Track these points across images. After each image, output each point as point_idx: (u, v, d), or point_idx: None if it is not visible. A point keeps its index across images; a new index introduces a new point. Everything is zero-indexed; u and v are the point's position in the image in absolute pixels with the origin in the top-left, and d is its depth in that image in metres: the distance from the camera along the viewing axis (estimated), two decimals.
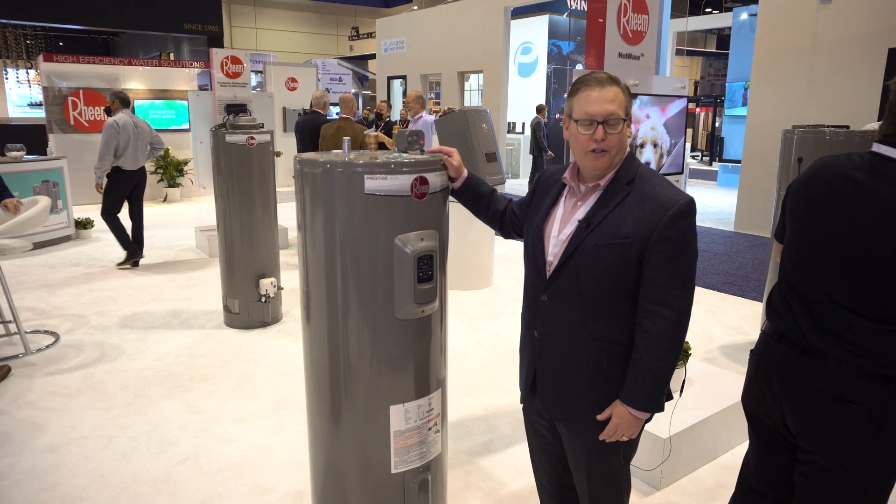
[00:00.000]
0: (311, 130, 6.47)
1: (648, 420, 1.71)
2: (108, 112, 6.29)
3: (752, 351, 1.81)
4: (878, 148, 1.52)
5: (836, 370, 1.53)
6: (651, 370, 1.58)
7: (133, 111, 10.65)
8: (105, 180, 6.22)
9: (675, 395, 1.94)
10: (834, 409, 1.55)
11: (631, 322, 1.62)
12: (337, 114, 6.65)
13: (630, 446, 1.76)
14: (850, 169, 1.55)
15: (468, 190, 1.94)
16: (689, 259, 1.57)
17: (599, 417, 1.67)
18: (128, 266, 6.45)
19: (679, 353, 1.60)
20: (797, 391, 1.61)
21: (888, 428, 1.51)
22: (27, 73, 20.20)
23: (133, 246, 6.44)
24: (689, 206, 1.55)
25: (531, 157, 12.56)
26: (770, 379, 1.69)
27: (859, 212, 1.50)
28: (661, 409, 1.67)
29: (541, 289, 1.70)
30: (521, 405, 1.93)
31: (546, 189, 1.80)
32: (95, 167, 6.14)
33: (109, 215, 6.30)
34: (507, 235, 1.98)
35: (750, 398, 1.81)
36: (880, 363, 1.49)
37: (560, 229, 1.68)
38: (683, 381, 2.98)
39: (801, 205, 1.66)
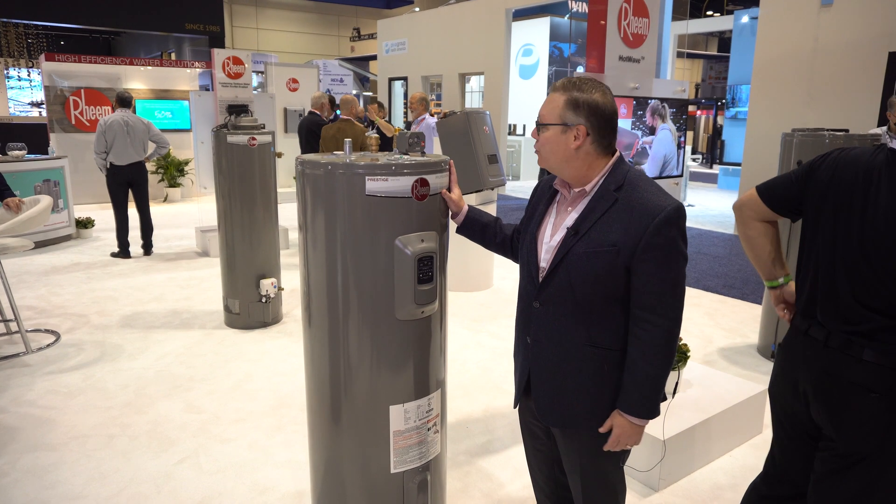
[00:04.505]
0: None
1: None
2: (114, 110, 6.83)
3: (779, 344, 1.86)
4: (894, 144, 1.57)
5: (857, 359, 1.58)
6: (648, 378, 1.59)
7: (135, 110, 10.72)
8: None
9: (669, 396, 1.95)
10: (855, 397, 1.59)
11: (623, 327, 1.62)
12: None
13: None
14: (871, 167, 1.58)
15: (472, 222, 1.94)
16: (679, 265, 1.57)
17: (601, 430, 1.67)
18: (119, 256, 6.88)
19: (672, 357, 1.61)
20: (821, 379, 1.66)
21: None
22: (28, 72, 20.22)
23: (124, 244, 6.87)
24: (677, 211, 1.55)
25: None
26: (795, 369, 1.74)
27: (871, 214, 1.55)
28: (658, 413, 1.68)
29: (533, 295, 1.71)
30: (517, 407, 1.93)
31: (541, 196, 1.82)
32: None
33: (113, 207, 6.81)
34: (518, 260, 1.90)
35: (776, 389, 1.85)
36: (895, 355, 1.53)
37: (551, 235, 1.69)
38: (677, 384, 3.00)
39: (828, 204, 1.66)
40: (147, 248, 7.00)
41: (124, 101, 6.69)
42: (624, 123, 3.25)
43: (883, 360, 1.54)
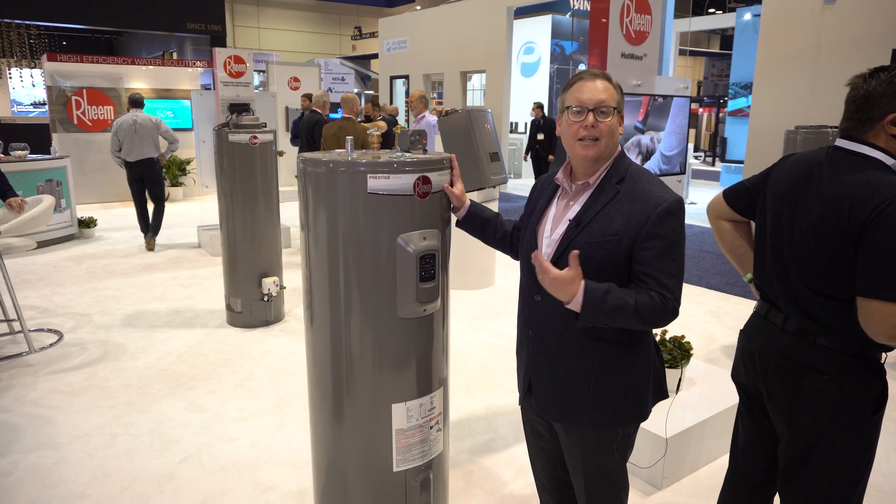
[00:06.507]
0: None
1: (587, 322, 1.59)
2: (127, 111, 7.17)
3: (741, 330, 1.91)
4: (838, 142, 1.65)
5: (811, 343, 1.63)
6: (623, 303, 1.50)
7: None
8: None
9: (672, 393, 1.95)
10: (808, 380, 1.64)
11: None
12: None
13: (626, 444, 1.76)
14: (814, 163, 1.67)
15: (473, 217, 1.94)
16: (678, 256, 1.57)
17: (572, 255, 1.51)
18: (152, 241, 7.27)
19: (646, 323, 1.53)
20: (775, 362, 1.72)
21: (858, 402, 1.61)
22: (30, 72, 20.23)
23: (144, 228, 7.24)
24: (679, 204, 1.57)
25: (531, 161, 12.11)
26: (753, 353, 1.80)
27: (810, 203, 1.62)
28: (589, 323, 1.56)
29: (534, 289, 1.71)
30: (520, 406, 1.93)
31: (541, 193, 1.82)
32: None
33: (133, 199, 7.21)
34: (517, 256, 1.90)
35: (738, 373, 1.91)
36: (849, 341, 1.58)
37: (552, 229, 1.70)
38: (680, 380, 2.99)
39: (776, 197, 1.75)
40: (151, 239, 7.17)
41: (135, 102, 7.03)
42: None
43: (834, 345, 1.60)
